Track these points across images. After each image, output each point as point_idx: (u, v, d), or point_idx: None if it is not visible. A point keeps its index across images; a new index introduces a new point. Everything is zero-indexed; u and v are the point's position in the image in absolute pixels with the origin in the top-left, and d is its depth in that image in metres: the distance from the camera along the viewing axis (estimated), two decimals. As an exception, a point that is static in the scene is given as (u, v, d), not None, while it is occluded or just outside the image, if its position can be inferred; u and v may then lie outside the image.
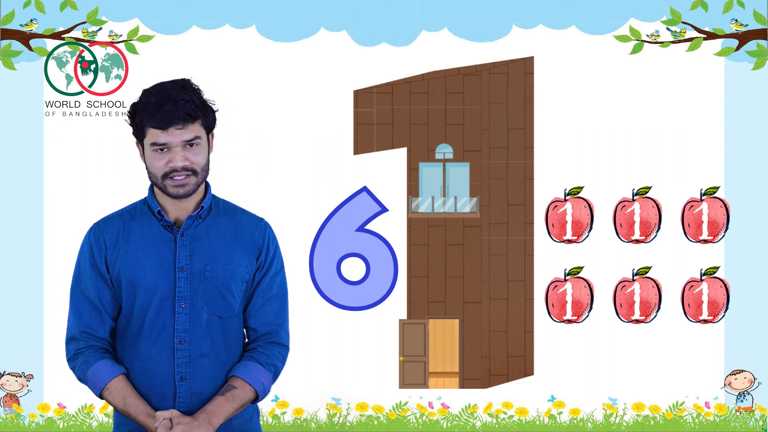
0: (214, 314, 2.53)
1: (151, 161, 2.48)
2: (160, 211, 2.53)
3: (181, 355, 2.51)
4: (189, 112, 2.45)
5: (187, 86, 2.50)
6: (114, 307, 2.55)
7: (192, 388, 2.51)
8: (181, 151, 2.46)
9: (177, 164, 2.46)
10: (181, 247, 2.52)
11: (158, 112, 2.44)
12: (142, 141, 2.50)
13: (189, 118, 2.45)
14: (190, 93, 2.48)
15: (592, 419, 4.22)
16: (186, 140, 2.46)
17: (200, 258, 2.53)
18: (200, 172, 2.50)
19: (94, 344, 2.54)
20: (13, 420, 4.16)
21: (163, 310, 2.51)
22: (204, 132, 2.51)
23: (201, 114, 2.48)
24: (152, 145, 2.46)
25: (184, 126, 2.45)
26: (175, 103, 2.44)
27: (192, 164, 2.47)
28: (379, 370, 4.23)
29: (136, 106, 2.50)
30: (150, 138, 2.47)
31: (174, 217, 2.54)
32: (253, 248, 2.58)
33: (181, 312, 2.51)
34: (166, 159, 2.47)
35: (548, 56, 4.21)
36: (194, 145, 2.47)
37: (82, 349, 2.54)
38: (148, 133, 2.47)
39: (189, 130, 2.46)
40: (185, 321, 2.51)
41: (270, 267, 2.61)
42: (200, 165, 2.49)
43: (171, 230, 2.54)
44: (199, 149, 2.49)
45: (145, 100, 2.48)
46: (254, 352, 2.58)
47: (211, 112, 2.53)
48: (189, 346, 2.51)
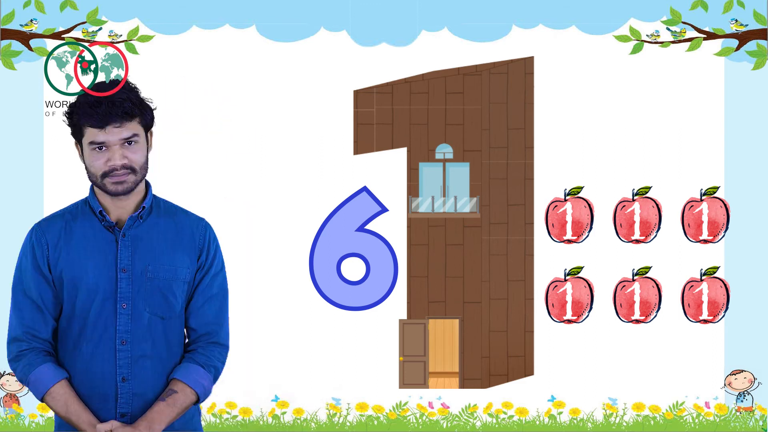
0: (155, 315, 2.53)
1: (90, 161, 2.48)
2: (101, 211, 2.52)
3: (123, 356, 2.50)
4: (126, 111, 2.45)
5: (125, 85, 2.51)
6: (56, 308, 2.55)
7: (134, 389, 2.51)
8: (120, 150, 2.46)
9: (116, 162, 2.45)
10: (122, 247, 2.52)
11: (95, 111, 2.44)
12: (80, 141, 2.50)
13: (126, 116, 2.46)
14: (127, 92, 2.49)
15: (592, 419, 4.22)
16: (124, 138, 2.45)
17: (142, 258, 2.52)
18: (139, 170, 2.49)
19: (37, 346, 2.52)
20: (13, 420, 4.16)
21: (104, 311, 2.50)
22: (142, 130, 2.50)
23: (139, 112, 2.49)
24: (90, 144, 2.46)
25: (122, 124, 2.45)
26: (113, 102, 2.45)
27: (131, 162, 2.47)
28: (379, 370, 4.23)
29: (74, 106, 2.50)
30: (88, 137, 2.46)
31: (115, 217, 2.54)
32: (194, 249, 2.58)
33: (123, 313, 2.50)
34: (104, 158, 2.46)
35: (548, 56, 4.21)
36: (132, 143, 2.47)
37: (24, 351, 2.52)
38: (86, 132, 2.47)
39: (127, 128, 2.46)
40: (127, 321, 2.51)
41: (210, 267, 2.61)
42: (139, 163, 2.49)
43: (112, 230, 2.53)
44: (137, 147, 2.48)
45: (83, 99, 2.48)
46: (194, 354, 2.58)
47: (149, 111, 2.53)
48: (131, 347, 2.51)
